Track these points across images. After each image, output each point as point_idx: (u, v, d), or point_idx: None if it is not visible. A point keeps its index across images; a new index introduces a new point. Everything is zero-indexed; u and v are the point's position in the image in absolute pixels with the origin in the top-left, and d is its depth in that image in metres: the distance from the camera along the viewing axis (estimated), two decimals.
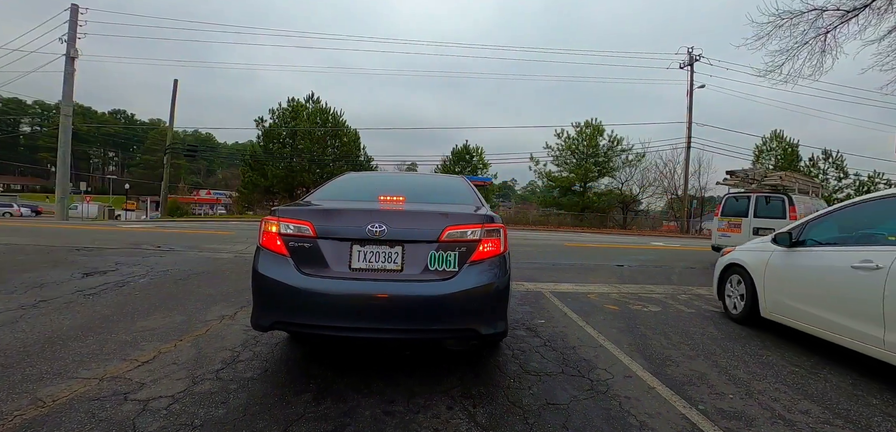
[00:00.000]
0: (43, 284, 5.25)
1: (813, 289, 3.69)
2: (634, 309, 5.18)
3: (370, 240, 2.57)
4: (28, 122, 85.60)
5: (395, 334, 2.51)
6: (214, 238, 12.99)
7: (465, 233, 2.62)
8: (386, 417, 2.30)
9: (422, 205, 3.01)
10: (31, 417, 2.17)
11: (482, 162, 43.43)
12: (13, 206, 36.02)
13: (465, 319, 2.51)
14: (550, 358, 3.32)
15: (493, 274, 2.59)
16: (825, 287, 3.55)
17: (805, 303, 3.73)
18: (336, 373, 2.85)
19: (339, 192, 3.47)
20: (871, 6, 9.81)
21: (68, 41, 26.28)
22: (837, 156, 39.95)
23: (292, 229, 2.63)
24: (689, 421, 2.41)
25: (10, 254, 7.87)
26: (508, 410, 2.44)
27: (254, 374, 2.80)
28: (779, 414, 2.55)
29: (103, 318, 3.93)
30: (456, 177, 4.13)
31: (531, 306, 5.06)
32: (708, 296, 6.08)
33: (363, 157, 41.20)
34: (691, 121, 32.39)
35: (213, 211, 55.95)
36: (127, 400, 2.39)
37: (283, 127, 38.12)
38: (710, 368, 3.29)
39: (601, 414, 2.45)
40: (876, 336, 3.02)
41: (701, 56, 32.41)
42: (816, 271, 3.68)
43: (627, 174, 38.55)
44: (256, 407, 2.37)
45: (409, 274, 2.53)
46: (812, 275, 3.72)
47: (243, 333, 3.62)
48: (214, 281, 5.90)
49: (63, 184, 27.00)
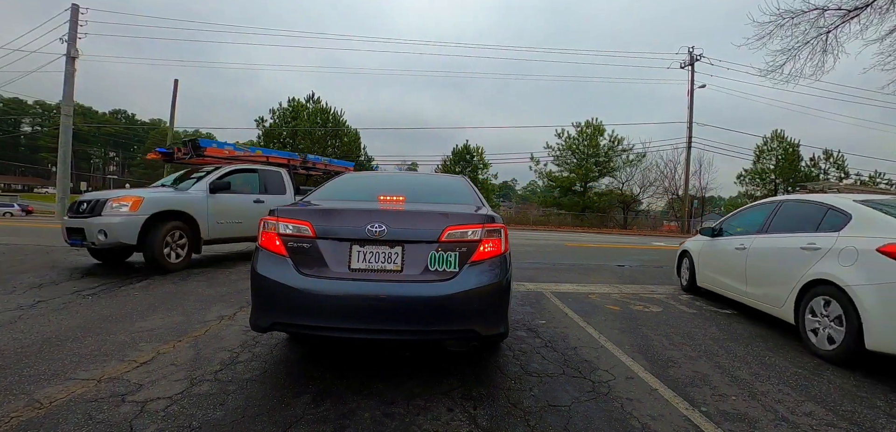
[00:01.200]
0: (41, 284, 5.24)
1: (720, 264, 5.57)
2: (636, 309, 5.16)
3: (370, 240, 2.55)
4: (29, 122, 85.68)
5: (395, 335, 2.49)
6: None
7: (465, 233, 2.59)
8: (386, 419, 2.28)
9: (422, 205, 2.99)
10: (27, 419, 2.15)
11: (482, 162, 43.43)
12: (14, 206, 36.01)
13: (465, 320, 2.49)
14: (551, 360, 3.30)
15: (494, 274, 2.57)
16: (725, 262, 5.43)
17: (717, 274, 5.61)
18: (335, 375, 2.83)
19: (338, 192, 3.45)
20: (873, 5, 9.77)
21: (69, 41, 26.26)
22: (838, 155, 39.89)
23: (291, 229, 2.61)
24: (691, 423, 2.39)
25: (9, 253, 7.85)
26: (509, 412, 2.42)
27: (253, 376, 2.78)
28: (782, 416, 2.53)
29: (102, 319, 3.91)
30: (456, 177, 4.11)
31: (532, 306, 5.04)
32: (708, 297, 6.06)
33: (364, 157, 41.21)
34: (692, 121, 32.35)
35: None
36: (125, 401, 2.37)
37: (284, 127, 38.16)
38: (713, 369, 3.27)
39: (603, 416, 2.43)
40: (742, 289, 4.95)
41: (702, 55, 32.36)
42: (722, 253, 5.59)
43: (628, 174, 38.57)
44: (255, 408, 2.35)
45: (409, 274, 2.51)
46: (720, 255, 5.62)
47: (242, 334, 3.60)
48: (213, 281, 5.88)
49: (64, 184, 26.98)
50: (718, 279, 5.53)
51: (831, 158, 40.13)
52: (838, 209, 4.01)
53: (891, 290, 3.16)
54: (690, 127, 32.44)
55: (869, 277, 3.33)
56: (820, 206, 4.27)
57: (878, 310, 3.20)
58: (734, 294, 5.14)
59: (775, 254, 4.49)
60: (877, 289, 3.25)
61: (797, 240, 4.21)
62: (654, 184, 38.09)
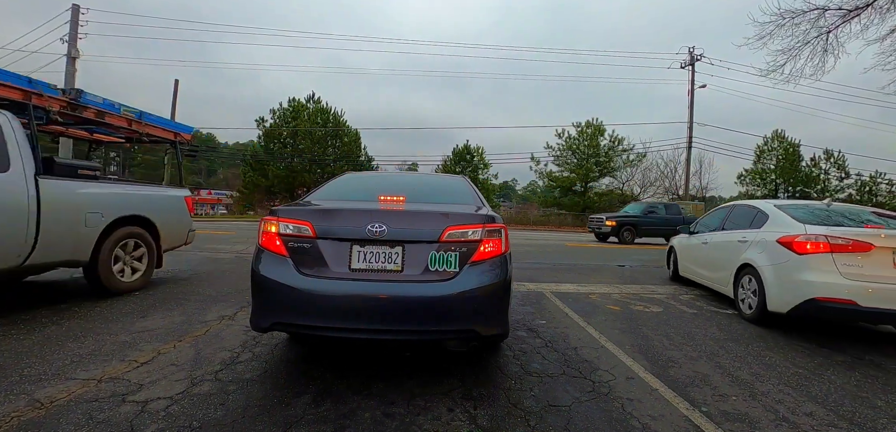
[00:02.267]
0: (41, 284, 5.24)
1: (693, 256, 6.81)
2: (636, 309, 5.16)
3: (370, 240, 2.55)
4: None
5: (396, 335, 2.49)
6: (214, 237, 12.98)
7: (465, 233, 2.59)
8: (386, 419, 2.28)
9: (422, 205, 2.99)
10: (28, 419, 2.15)
11: (483, 162, 43.40)
12: None
13: (465, 320, 2.49)
14: (552, 360, 3.30)
15: (494, 274, 2.57)
16: (695, 255, 6.70)
17: (691, 264, 6.83)
18: (336, 375, 2.83)
19: (338, 192, 3.44)
20: (874, 5, 9.76)
21: (69, 41, 26.29)
22: (839, 155, 39.82)
23: (292, 229, 2.61)
24: (692, 424, 2.39)
25: None
26: (510, 412, 2.42)
27: (253, 376, 2.78)
28: (783, 416, 2.53)
29: (102, 319, 3.91)
30: (457, 177, 4.11)
31: (532, 306, 5.04)
32: (710, 297, 6.07)
33: (364, 157, 41.19)
34: (692, 121, 32.31)
35: (213, 210, 55.98)
36: (125, 401, 2.37)
37: (284, 127, 38.12)
38: (713, 369, 3.26)
39: (603, 416, 2.43)
40: (706, 275, 6.18)
41: (702, 56, 32.32)
42: (694, 247, 6.82)
43: (628, 174, 38.56)
44: (255, 408, 2.35)
45: (409, 274, 2.51)
46: (693, 249, 6.84)
47: (243, 334, 3.60)
48: (214, 281, 5.88)
49: None
50: (692, 268, 6.79)
51: (832, 158, 40.03)
52: (763, 211, 5.26)
53: (781, 269, 4.41)
54: (691, 127, 32.41)
55: (769, 260, 4.60)
56: (753, 209, 5.49)
57: (773, 282, 4.46)
58: (702, 280, 6.34)
59: (724, 247, 5.74)
60: (773, 268, 4.51)
61: (737, 235, 5.47)
62: (655, 184, 38.12)
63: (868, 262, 3.98)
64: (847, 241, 4.04)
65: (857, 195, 39.21)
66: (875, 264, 3.96)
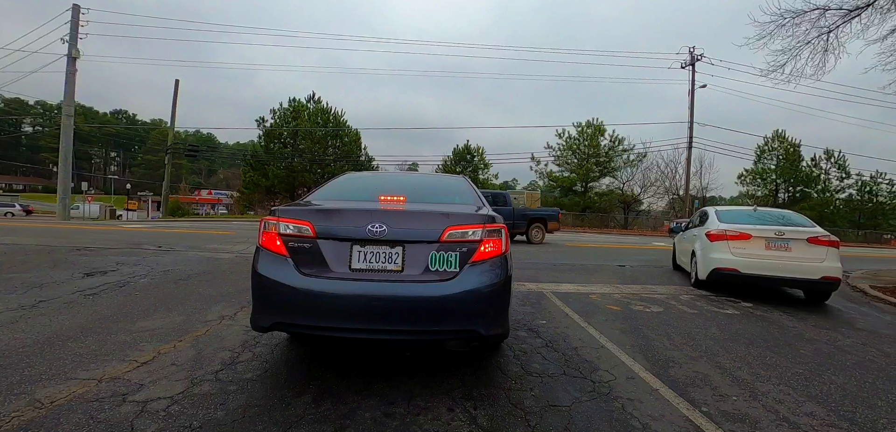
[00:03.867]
0: (43, 284, 5.24)
1: (678, 248, 9.06)
2: (636, 309, 5.16)
3: (370, 240, 2.55)
4: (30, 123, 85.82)
5: (396, 335, 2.49)
6: (215, 238, 12.98)
7: (466, 233, 2.59)
8: (386, 419, 2.28)
9: (422, 205, 2.99)
10: (28, 419, 2.15)
11: (483, 161, 43.42)
12: (15, 206, 35.99)
13: (466, 320, 2.49)
14: (552, 360, 3.30)
15: (495, 274, 2.57)
16: (679, 247, 8.97)
17: (679, 254, 8.91)
18: (336, 375, 2.83)
19: (339, 192, 3.44)
20: (874, 5, 9.74)
21: (69, 41, 26.32)
22: (839, 155, 39.81)
23: (292, 229, 2.61)
24: (692, 424, 2.38)
25: (10, 253, 7.87)
26: (510, 412, 2.42)
27: (253, 375, 2.78)
28: (783, 417, 2.53)
29: (103, 319, 3.91)
30: (457, 177, 4.11)
31: (532, 307, 5.04)
32: (710, 297, 6.08)
33: (364, 157, 41.20)
34: (693, 121, 32.32)
35: (214, 211, 56.03)
36: (126, 401, 2.37)
37: (284, 127, 38.14)
38: (713, 370, 3.26)
39: (604, 416, 2.43)
40: (684, 259, 8.22)
41: (702, 55, 32.33)
42: (679, 241, 9.09)
43: (629, 174, 38.62)
44: (256, 408, 2.35)
45: (409, 274, 2.51)
46: (679, 243, 9.09)
47: (243, 334, 3.61)
48: (214, 281, 5.89)
49: (65, 184, 27.04)
50: (680, 258, 8.87)
51: (832, 158, 40.04)
52: (707, 214, 7.31)
53: (703, 251, 6.63)
54: (691, 127, 32.41)
55: (700, 246, 6.82)
56: (706, 213, 7.47)
57: (700, 260, 6.68)
58: (682, 264, 8.48)
59: (689, 239, 7.89)
60: (701, 251, 6.74)
61: (694, 231, 7.64)
62: (655, 184, 38.18)
63: (749, 246, 6.07)
64: (736, 233, 6.19)
65: (858, 195, 39.13)
66: (752, 246, 6.05)
